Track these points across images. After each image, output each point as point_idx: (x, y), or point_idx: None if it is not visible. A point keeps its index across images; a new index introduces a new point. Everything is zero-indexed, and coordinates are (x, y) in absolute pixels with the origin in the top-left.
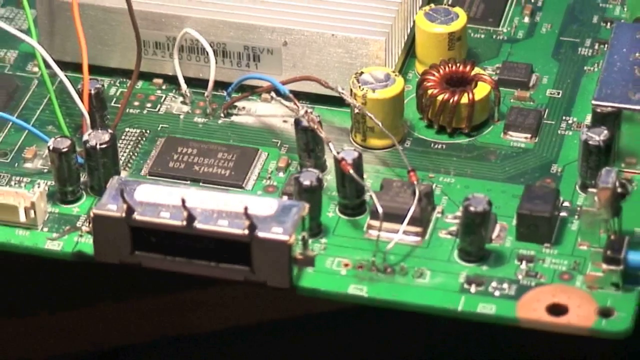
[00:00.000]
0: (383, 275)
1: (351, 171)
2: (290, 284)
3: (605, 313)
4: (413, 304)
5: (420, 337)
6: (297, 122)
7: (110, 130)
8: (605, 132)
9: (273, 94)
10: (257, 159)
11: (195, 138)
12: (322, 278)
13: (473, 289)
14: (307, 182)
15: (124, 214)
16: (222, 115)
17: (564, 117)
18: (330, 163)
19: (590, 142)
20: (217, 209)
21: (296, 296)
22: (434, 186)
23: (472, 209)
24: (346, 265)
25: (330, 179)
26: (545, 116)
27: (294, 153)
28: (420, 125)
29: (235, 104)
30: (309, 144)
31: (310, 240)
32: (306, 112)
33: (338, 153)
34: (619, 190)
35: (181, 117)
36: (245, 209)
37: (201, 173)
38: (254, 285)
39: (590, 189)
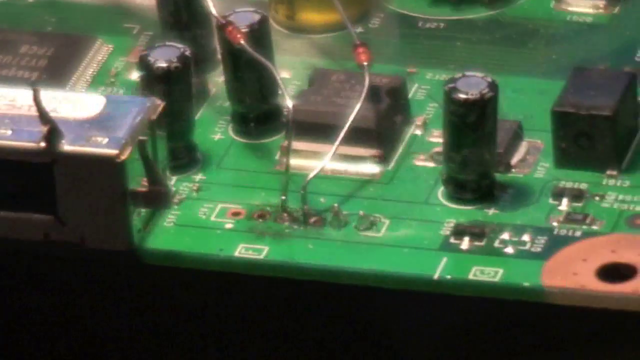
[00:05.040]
0: (301, 228)
1: (243, 42)
2: (129, 244)
3: None
4: (345, 270)
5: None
6: None
7: None
8: None
9: None
10: (91, 53)
11: None
12: (189, 235)
13: (465, 244)
14: (162, 63)
15: None
16: None
17: None
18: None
19: None
20: None
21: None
22: (415, 87)
23: (460, 95)
24: (236, 214)
25: (221, 82)
26: None
27: None
28: None
29: None
30: (179, 14)
31: (167, 172)
32: None
33: (225, 17)
34: None
35: None
36: (38, 103)
37: None
38: (63, 247)
39: None
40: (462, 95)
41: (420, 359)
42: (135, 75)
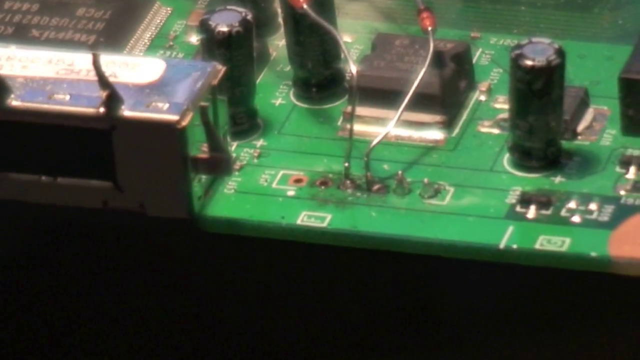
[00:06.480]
0: (365, 195)
1: (305, 6)
2: (189, 212)
3: None
4: (409, 239)
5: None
6: None
7: None
8: None
9: None
10: (149, 16)
11: None
12: (250, 202)
13: (532, 212)
14: (223, 28)
15: None
16: None
17: None
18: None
19: None
20: (55, 76)
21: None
22: (479, 51)
23: (527, 62)
24: (298, 181)
25: (281, 46)
26: None
27: None
28: None
29: None
30: None
31: (228, 137)
32: None
33: None
34: None
35: None
36: (98, 68)
37: (44, 40)
38: (122, 214)
39: None
40: (529, 62)
41: (484, 329)
42: (194, 39)
